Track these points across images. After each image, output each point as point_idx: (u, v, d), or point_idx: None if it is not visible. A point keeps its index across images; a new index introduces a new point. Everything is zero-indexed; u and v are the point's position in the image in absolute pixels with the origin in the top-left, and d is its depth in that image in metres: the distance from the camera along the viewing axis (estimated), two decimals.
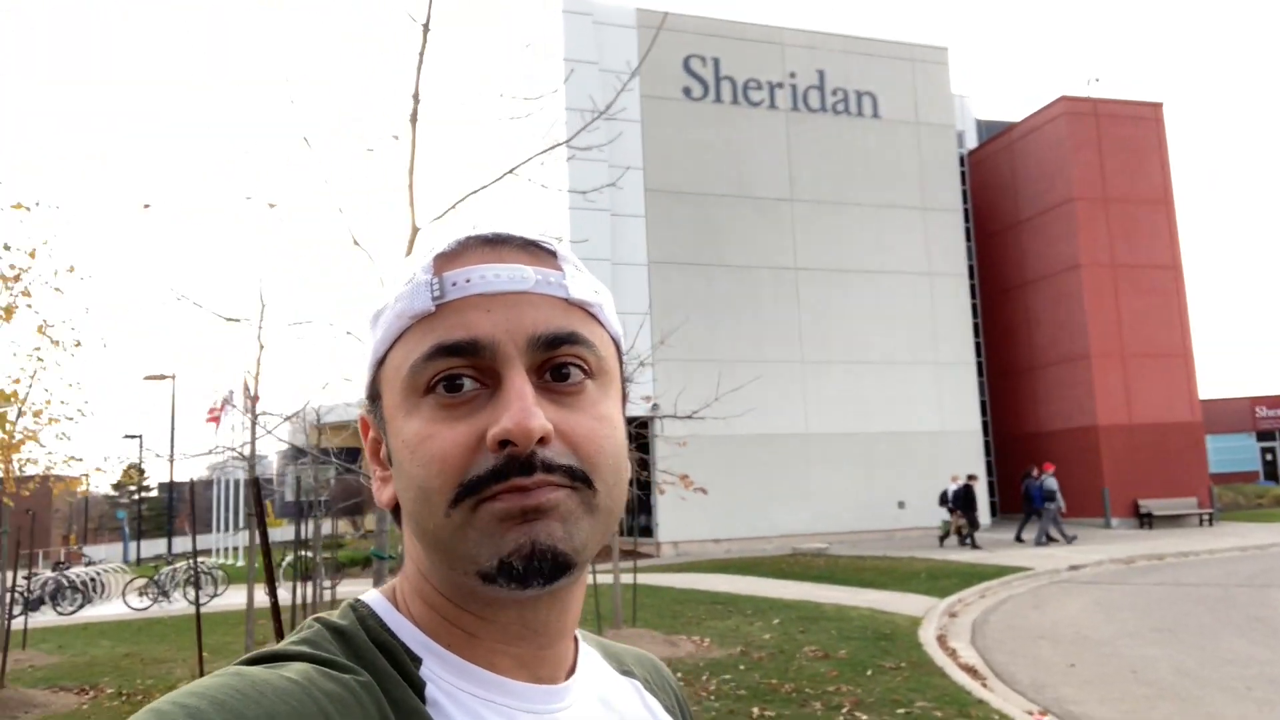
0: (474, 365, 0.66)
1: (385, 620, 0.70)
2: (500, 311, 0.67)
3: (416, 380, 0.67)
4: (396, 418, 0.69)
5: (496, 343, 0.66)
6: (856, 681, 8.19)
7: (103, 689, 9.22)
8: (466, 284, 0.67)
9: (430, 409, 0.67)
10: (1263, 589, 13.43)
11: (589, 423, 0.68)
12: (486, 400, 0.66)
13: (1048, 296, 27.43)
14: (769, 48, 25.76)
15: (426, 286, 0.68)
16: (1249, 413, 39.63)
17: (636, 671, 0.87)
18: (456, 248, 0.70)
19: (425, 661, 0.68)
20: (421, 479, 0.66)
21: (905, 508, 24.74)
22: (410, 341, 0.68)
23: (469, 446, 0.65)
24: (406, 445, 0.67)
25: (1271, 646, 9.53)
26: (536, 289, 0.68)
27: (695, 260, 23.79)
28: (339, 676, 0.62)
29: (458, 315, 0.67)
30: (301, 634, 0.68)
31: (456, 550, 0.65)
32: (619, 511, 0.71)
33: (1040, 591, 14.39)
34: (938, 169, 26.96)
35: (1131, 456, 25.12)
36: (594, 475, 0.67)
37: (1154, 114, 27.48)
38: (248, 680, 0.57)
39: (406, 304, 0.69)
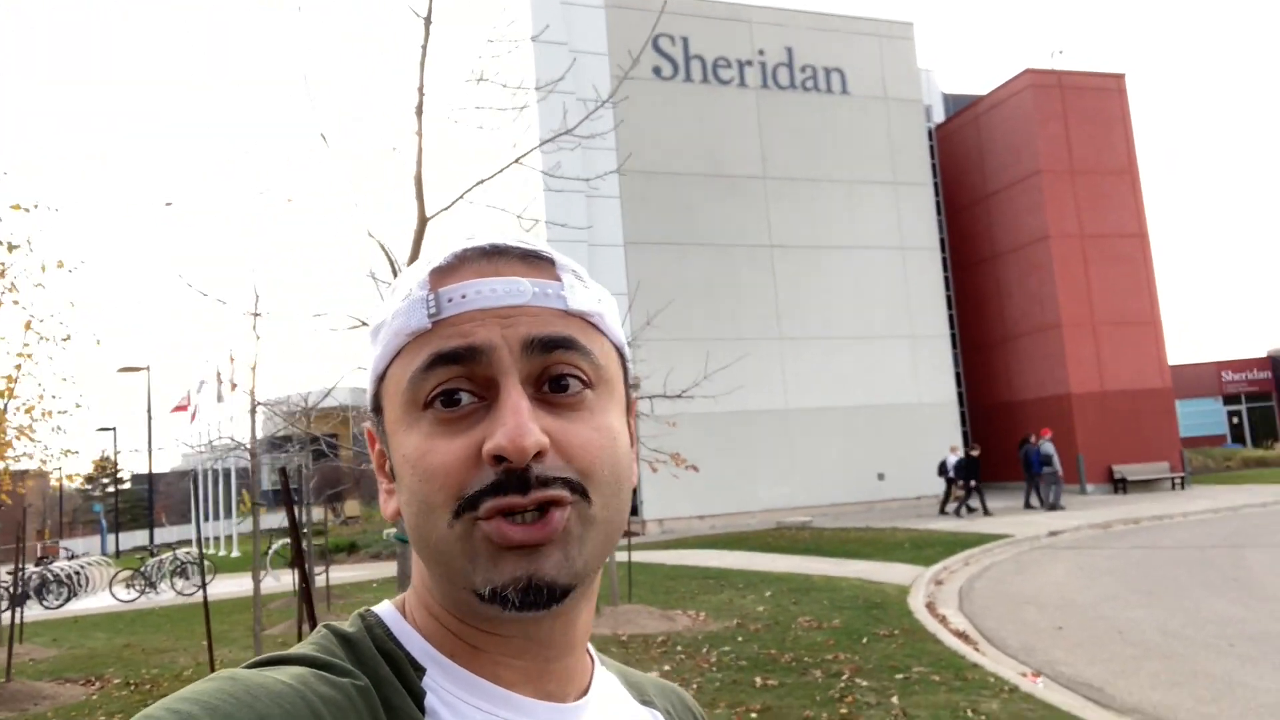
0: (470, 375, 0.66)
1: (392, 629, 0.71)
2: (494, 323, 0.67)
3: (415, 394, 0.67)
4: (398, 432, 0.69)
5: (493, 348, 0.66)
6: (853, 649, 8.39)
7: (109, 679, 9.27)
8: (463, 299, 0.68)
9: (429, 423, 0.67)
10: (1237, 549, 13.81)
11: (586, 433, 0.67)
12: (484, 413, 0.66)
13: (1018, 268, 27.80)
14: (737, 25, 25.80)
15: (422, 303, 0.68)
16: (1215, 377, 40.40)
17: (658, 702, 0.85)
18: (454, 261, 0.70)
19: (429, 671, 0.68)
20: (422, 493, 0.66)
21: (885, 479, 25.10)
22: (407, 357, 0.68)
23: (467, 461, 0.65)
24: (407, 460, 0.68)
25: (1249, 605, 9.85)
26: (534, 301, 0.68)
27: (671, 240, 23.88)
28: (335, 680, 0.62)
29: (453, 329, 0.67)
30: (308, 640, 0.69)
31: (455, 565, 0.65)
32: (620, 522, 0.70)
33: (1022, 558, 14.70)
34: (907, 143, 27.17)
35: (1104, 423, 25.60)
36: (590, 487, 0.66)
37: (1117, 85, 27.82)
38: (241, 684, 0.58)
39: (404, 321, 0.69)
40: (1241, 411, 40.54)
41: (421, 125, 4.57)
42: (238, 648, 10.63)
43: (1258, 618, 9.19)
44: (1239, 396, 40.61)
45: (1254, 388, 40.68)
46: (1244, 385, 40.67)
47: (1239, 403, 40.57)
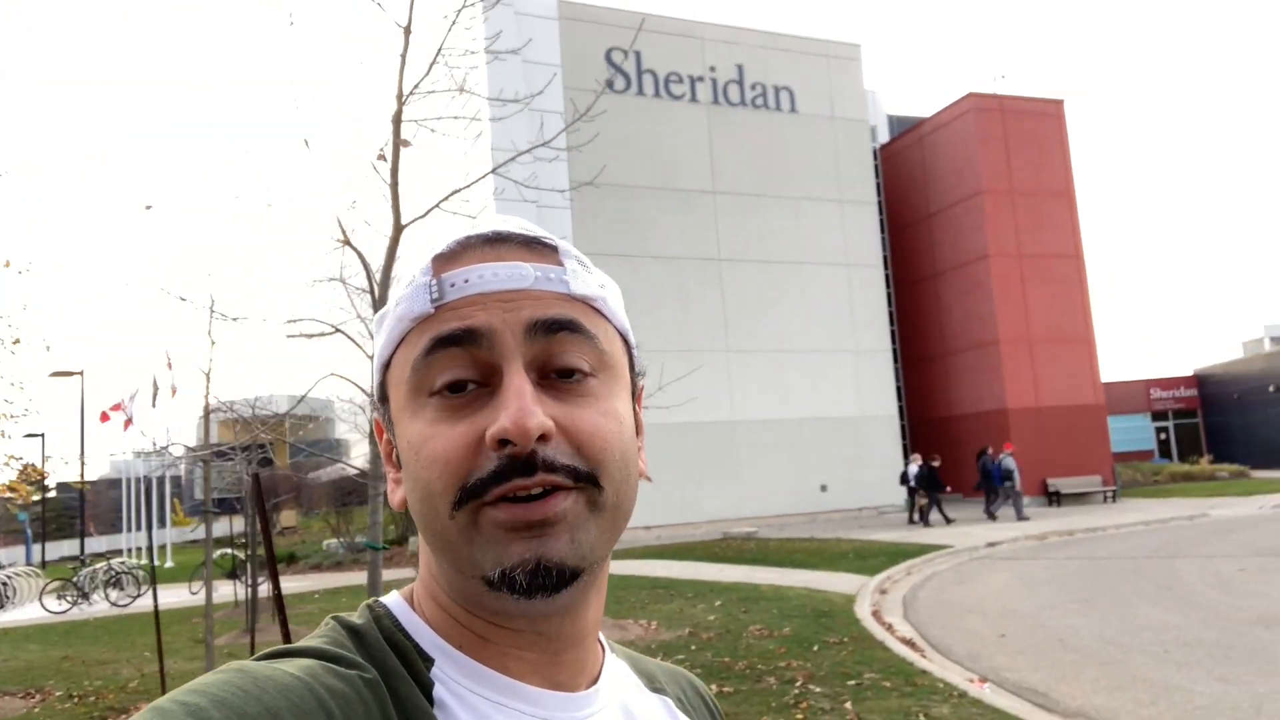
0: (474, 361, 0.66)
1: (400, 620, 0.70)
2: (496, 306, 0.67)
3: (419, 380, 0.67)
4: (402, 419, 0.69)
5: (494, 331, 0.66)
6: (804, 657, 8.53)
7: (49, 692, 9.03)
8: (465, 284, 0.67)
9: (433, 410, 0.66)
10: (1168, 560, 14.27)
11: (593, 418, 0.67)
12: (487, 399, 0.65)
13: (958, 286, 28.42)
14: (689, 41, 26.08)
15: (425, 288, 0.68)
16: (1145, 395, 41.63)
17: (669, 689, 0.85)
18: (456, 248, 0.70)
19: (437, 662, 0.68)
20: (425, 481, 0.65)
21: (828, 490, 25.45)
22: (411, 342, 0.68)
23: (470, 447, 0.64)
24: (411, 447, 0.67)
25: (1182, 613, 10.20)
26: (536, 285, 0.68)
27: (621, 251, 23.99)
28: (344, 673, 0.61)
29: (454, 312, 0.67)
30: (316, 632, 0.69)
31: (460, 554, 0.65)
32: (629, 509, 0.69)
33: (962, 568, 15.02)
34: (853, 163, 27.67)
35: (1040, 438, 26.26)
36: (600, 473, 0.66)
37: (1056, 110, 28.65)
38: (250, 676, 0.57)
39: (407, 306, 0.69)
40: (1169, 428, 41.83)
41: (399, 133, 4.60)
42: (182, 658, 10.43)
43: (1190, 625, 9.53)
44: (1166, 413, 41.90)
45: (1181, 405, 42.02)
46: (1171, 403, 41.97)
47: (1166, 419, 41.85)
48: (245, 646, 10.13)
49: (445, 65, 4.67)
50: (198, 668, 9.46)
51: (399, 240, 4.71)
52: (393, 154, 4.61)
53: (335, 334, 4.76)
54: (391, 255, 4.64)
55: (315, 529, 33.06)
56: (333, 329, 4.70)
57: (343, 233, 4.54)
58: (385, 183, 4.55)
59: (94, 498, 54.30)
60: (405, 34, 4.80)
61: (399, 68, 4.75)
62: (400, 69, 4.76)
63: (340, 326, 4.76)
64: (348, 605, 14.69)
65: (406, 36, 4.80)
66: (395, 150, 4.63)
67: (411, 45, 4.78)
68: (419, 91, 4.66)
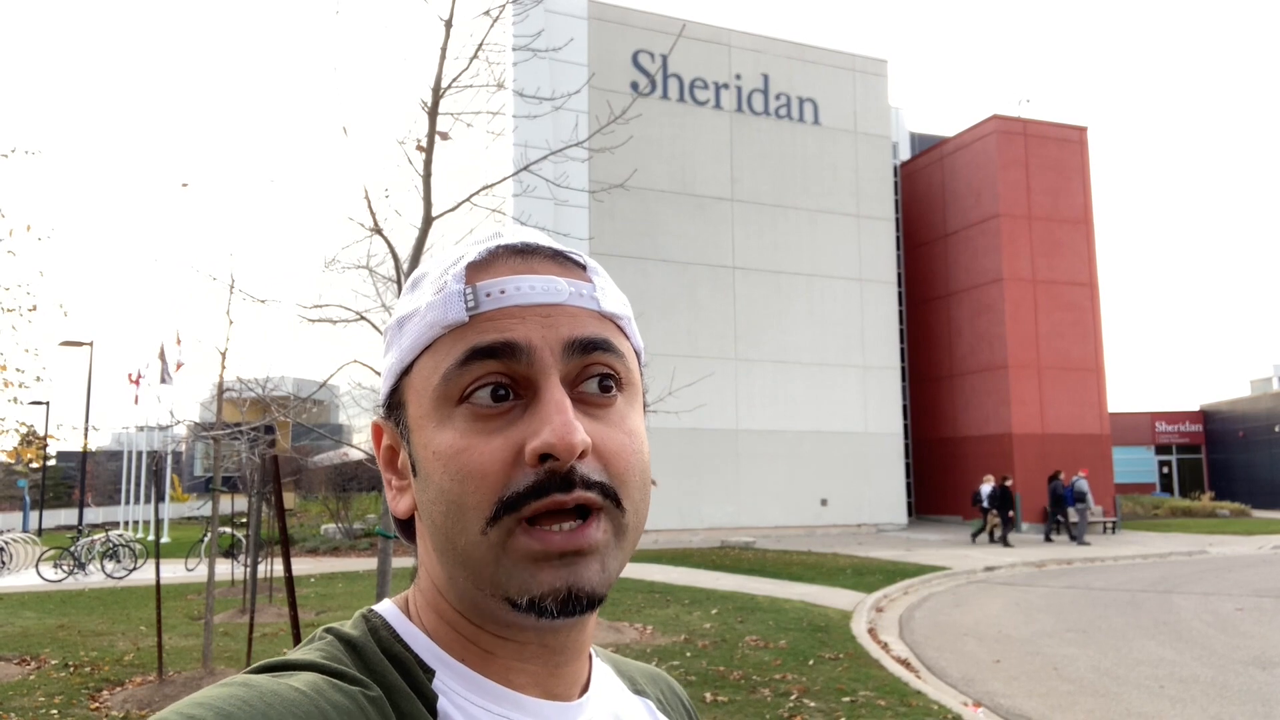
0: (509, 372, 0.65)
1: (398, 631, 0.69)
2: (535, 320, 0.66)
3: (450, 389, 0.66)
4: (425, 427, 0.67)
5: (533, 347, 0.65)
6: (800, 670, 8.53)
7: (45, 660, 9.07)
8: (501, 295, 0.66)
9: (464, 420, 0.65)
10: (1165, 594, 14.24)
11: (620, 438, 0.67)
12: (522, 412, 0.65)
13: (970, 307, 28.40)
14: (716, 48, 26.11)
15: (459, 296, 0.67)
16: (1149, 427, 41.55)
17: (649, 690, 0.85)
18: (487, 256, 0.69)
19: (438, 674, 0.67)
20: (456, 494, 0.64)
21: (828, 505, 25.43)
22: (441, 350, 0.67)
23: (507, 461, 0.63)
24: (438, 457, 0.65)
25: (1178, 649, 10.18)
26: (570, 301, 0.68)
27: (635, 254, 24.03)
28: (348, 689, 0.61)
29: (491, 323, 0.66)
30: (312, 644, 0.68)
31: (485, 573, 0.64)
32: (642, 527, 0.70)
33: (959, 591, 15.00)
34: (872, 178, 27.67)
35: (1042, 465, 26.20)
36: (623, 494, 0.66)
37: (1079, 137, 28.62)
38: (254, 691, 0.57)
39: (440, 313, 0.67)
40: (1172, 462, 41.73)
41: (435, 125, 4.62)
42: (177, 635, 10.47)
43: (1186, 661, 9.51)
44: (1170, 447, 41.81)
45: (1185, 439, 41.92)
46: (1176, 437, 41.88)
47: (1170, 453, 41.76)
48: (243, 626, 10.17)
49: (486, 61, 4.68)
50: (194, 644, 9.50)
51: (428, 231, 4.73)
52: (428, 145, 4.63)
53: (358, 321, 4.78)
54: (420, 245, 4.66)
55: (314, 513, 33.08)
56: (358, 316, 4.72)
57: (374, 220, 4.56)
58: (419, 174, 4.57)
59: (93, 469, 54.47)
60: (446, 28, 4.82)
61: (438, 60, 4.77)
62: (440, 62, 4.78)
63: (365, 314, 4.78)
64: (343, 591, 14.74)
65: (447, 30, 4.82)
66: (430, 142, 4.64)
67: (450, 39, 4.79)
68: (456, 85, 4.68)
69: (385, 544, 4.47)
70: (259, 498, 12.85)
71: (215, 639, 8.93)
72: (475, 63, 4.84)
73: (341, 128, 4.60)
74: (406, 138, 4.55)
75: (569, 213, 22.77)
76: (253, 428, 10.29)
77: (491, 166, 19.44)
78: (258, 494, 12.84)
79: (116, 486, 45.94)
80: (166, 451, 30.47)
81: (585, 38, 23.79)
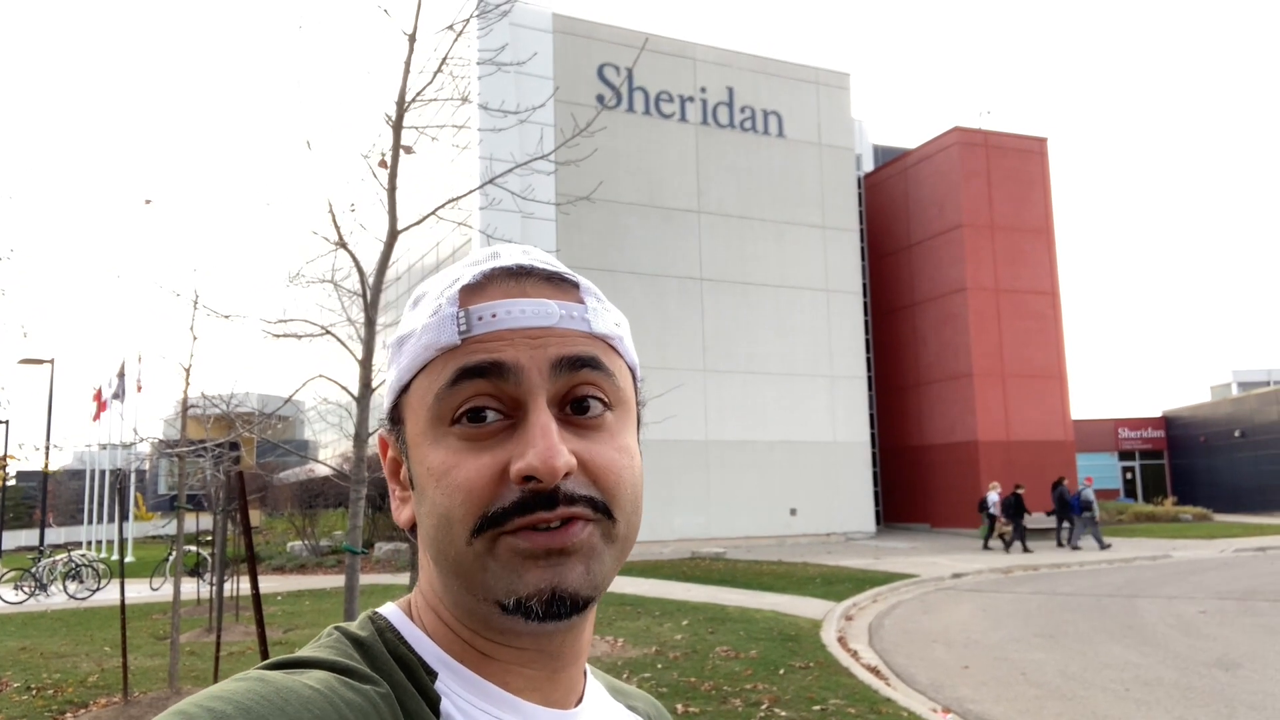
0: (498, 393, 0.67)
1: (403, 633, 0.71)
2: (524, 343, 0.68)
3: (441, 409, 0.68)
4: (421, 445, 0.70)
5: (521, 367, 0.67)
6: (770, 680, 8.55)
7: (6, 683, 8.89)
8: (493, 319, 0.69)
9: (455, 439, 0.68)
10: (1130, 599, 14.42)
11: (609, 453, 0.69)
12: (510, 432, 0.67)
13: (934, 317, 28.69)
14: (681, 61, 26.28)
15: (452, 320, 0.69)
16: (1112, 434, 42.09)
17: (640, 707, 0.88)
18: (481, 280, 0.71)
19: (441, 676, 0.69)
20: (445, 508, 0.67)
21: (797, 514, 25.54)
22: (434, 371, 0.69)
23: (492, 478, 0.66)
24: (431, 474, 0.68)
25: (1143, 652, 10.31)
26: (561, 324, 0.70)
27: (603, 265, 24.06)
28: (359, 687, 0.62)
29: (481, 345, 0.68)
30: (322, 642, 0.69)
31: (475, 579, 0.67)
32: (634, 539, 0.72)
33: (927, 598, 15.11)
34: (837, 190, 27.92)
35: (1008, 471, 26.46)
36: (614, 506, 0.68)
37: (1039, 148, 29.07)
38: (272, 686, 0.58)
39: (433, 336, 0.70)
40: (1135, 467, 42.30)
41: (399, 139, 4.62)
42: (143, 655, 10.31)
43: (1151, 664, 9.64)
44: (1134, 453, 42.38)
45: (1148, 445, 42.51)
46: (1139, 443, 42.45)
47: (1133, 459, 42.32)
48: (210, 645, 10.03)
49: (450, 75, 4.69)
50: (159, 664, 9.36)
51: (394, 245, 4.72)
52: (392, 159, 4.62)
53: (323, 335, 4.76)
54: (385, 259, 4.64)
55: (280, 530, 32.71)
56: (323, 330, 4.69)
57: (338, 234, 4.54)
58: (383, 187, 4.56)
59: (54, 488, 53.51)
60: (410, 41, 4.82)
61: (402, 74, 4.77)
62: (403, 76, 4.78)
63: (330, 328, 4.75)
64: (310, 609, 14.58)
65: (411, 44, 4.82)
66: (395, 156, 4.64)
67: (414, 53, 4.80)
68: (421, 99, 4.68)
69: (353, 560, 4.44)
70: (224, 515, 12.70)
71: (182, 658, 8.81)
72: (439, 76, 4.84)
73: (305, 142, 4.58)
74: (370, 151, 4.55)
75: (536, 225, 22.78)
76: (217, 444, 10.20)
77: (458, 179, 19.39)
78: (223, 511, 12.69)
79: (79, 506, 45.14)
80: (130, 469, 30.01)
81: (550, 51, 23.87)
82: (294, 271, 5.22)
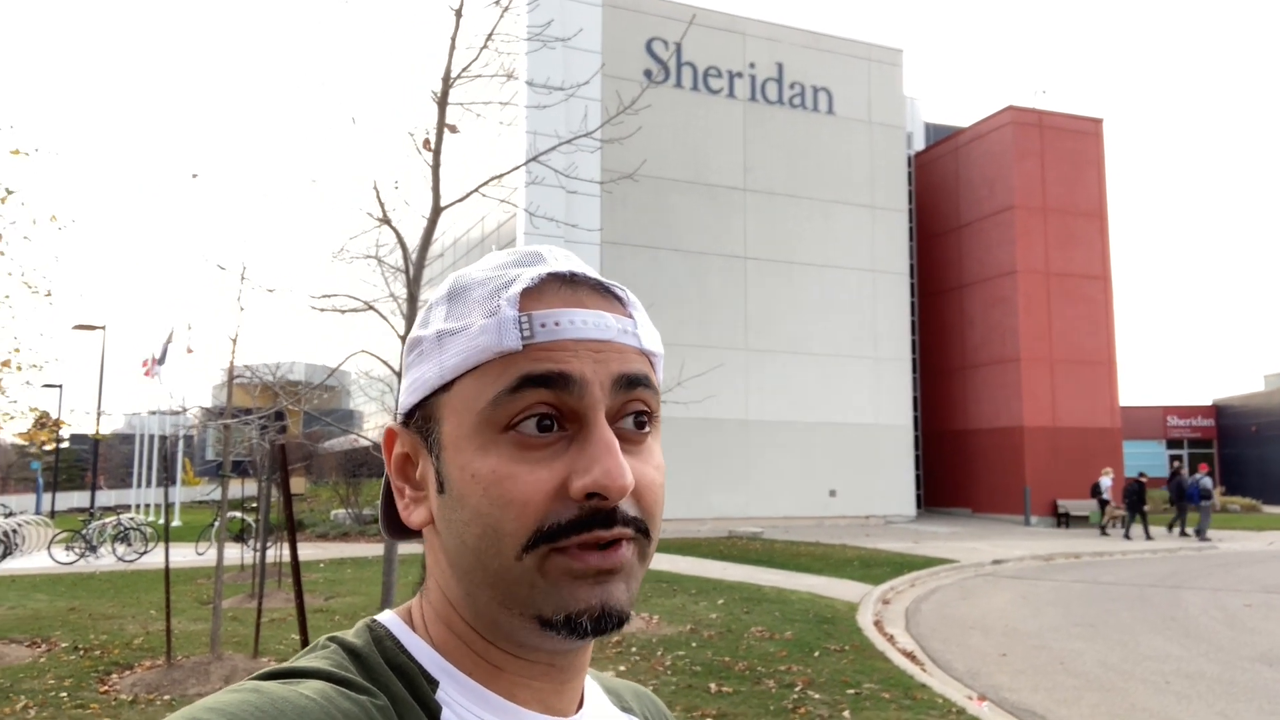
0: (558, 404, 0.66)
1: (402, 641, 0.70)
2: (587, 355, 0.67)
3: (498, 414, 0.66)
4: (464, 449, 0.67)
5: (586, 381, 0.66)
6: (805, 662, 8.54)
7: (55, 643, 9.15)
8: (555, 327, 0.67)
9: (509, 447, 0.66)
10: (1174, 590, 14.20)
11: (651, 474, 0.69)
12: (567, 445, 0.66)
13: (983, 300, 28.28)
14: (731, 36, 26.02)
15: (514, 323, 0.67)
16: (1161, 421, 41.36)
17: (635, 707, 0.87)
18: (538, 284, 0.69)
19: (442, 685, 0.68)
20: (495, 519, 0.65)
21: (836, 496, 25.43)
22: (490, 374, 0.67)
23: (550, 493, 0.64)
24: (478, 480, 0.66)
25: (1185, 645, 10.15)
26: (618, 338, 0.69)
27: (647, 242, 24.02)
28: (356, 698, 0.62)
29: (546, 354, 0.66)
30: (316, 652, 0.68)
31: (518, 594, 0.65)
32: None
33: (966, 584, 14.99)
34: (886, 169, 27.55)
35: (1053, 458, 26.14)
36: (651, 526, 0.69)
37: (1095, 129, 28.43)
38: (266, 697, 0.58)
39: (493, 338, 0.67)
40: (1183, 456, 41.52)
41: (444, 115, 4.62)
42: (186, 619, 10.55)
43: (1193, 657, 9.49)
44: (1182, 441, 41.61)
45: (1197, 434, 41.72)
46: (1187, 431, 41.68)
47: (1181, 447, 41.56)
48: (252, 611, 10.23)
49: (496, 50, 4.67)
50: (202, 629, 9.57)
51: (436, 221, 4.73)
52: (437, 136, 4.63)
53: (366, 310, 4.80)
54: (429, 235, 4.66)
55: (324, 498, 33.25)
56: (366, 305, 4.73)
57: (382, 211, 4.57)
58: (428, 165, 4.57)
59: (105, 452, 54.83)
60: (456, 17, 4.81)
61: (448, 50, 4.76)
62: (449, 52, 4.77)
63: (372, 303, 4.79)
64: (352, 577, 14.82)
65: (457, 19, 4.81)
66: (439, 133, 4.64)
67: (460, 29, 4.78)
68: (466, 75, 4.67)
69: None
70: (268, 483, 12.92)
71: (224, 624, 9.00)
72: (485, 53, 4.83)
73: (350, 118, 4.62)
74: (415, 129, 4.56)
75: (580, 201, 22.74)
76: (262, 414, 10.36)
77: (503, 155, 19.43)
78: (267, 479, 12.91)
79: (128, 470, 46.25)
80: (178, 435, 30.62)
81: (599, 24, 23.75)
82: (338, 248, 5.26)
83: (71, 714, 6.54)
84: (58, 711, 6.60)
